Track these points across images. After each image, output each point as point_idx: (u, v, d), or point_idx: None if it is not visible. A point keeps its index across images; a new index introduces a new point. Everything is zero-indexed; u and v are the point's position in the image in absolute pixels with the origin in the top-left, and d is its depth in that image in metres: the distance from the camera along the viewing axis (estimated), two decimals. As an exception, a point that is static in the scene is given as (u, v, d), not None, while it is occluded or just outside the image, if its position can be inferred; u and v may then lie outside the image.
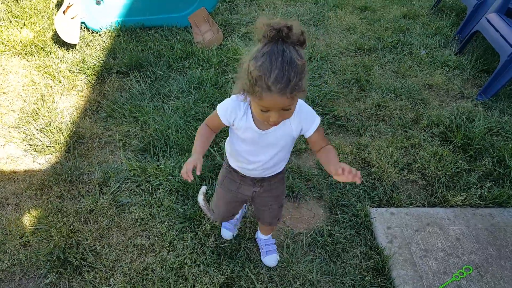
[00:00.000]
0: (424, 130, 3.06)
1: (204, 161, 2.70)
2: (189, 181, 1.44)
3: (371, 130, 3.05)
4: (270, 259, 2.15)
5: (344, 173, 1.30)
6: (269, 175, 1.71)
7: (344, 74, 3.66)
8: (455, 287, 2.05)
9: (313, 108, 1.52)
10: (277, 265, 2.15)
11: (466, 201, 2.51)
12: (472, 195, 2.54)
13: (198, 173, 1.41)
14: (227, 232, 2.26)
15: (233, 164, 1.73)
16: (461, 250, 2.23)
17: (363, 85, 3.52)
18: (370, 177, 2.67)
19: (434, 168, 2.70)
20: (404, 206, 2.49)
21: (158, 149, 2.76)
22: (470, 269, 2.14)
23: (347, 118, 3.17)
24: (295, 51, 1.18)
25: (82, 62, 3.55)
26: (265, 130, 1.47)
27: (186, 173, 1.39)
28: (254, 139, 1.51)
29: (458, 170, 2.73)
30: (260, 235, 2.23)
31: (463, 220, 2.40)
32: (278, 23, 1.15)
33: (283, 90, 1.16)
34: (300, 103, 1.47)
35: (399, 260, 2.15)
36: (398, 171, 2.70)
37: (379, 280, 2.08)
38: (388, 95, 3.43)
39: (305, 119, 1.48)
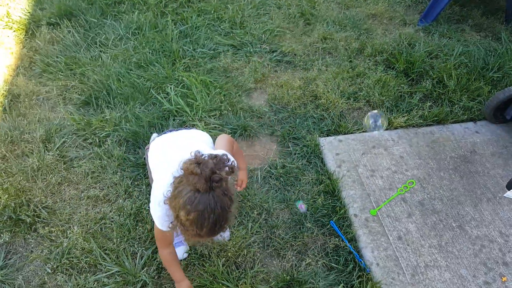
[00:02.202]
0: (368, 59, 3.18)
1: (152, 108, 2.70)
2: None
3: (318, 63, 3.13)
4: (222, 235, 2.03)
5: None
6: None
7: (289, 8, 3.66)
8: (400, 200, 2.26)
9: (260, 46, 1.52)
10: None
11: (408, 122, 2.69)
12: (414, 115, 2.72)
13: None
14: (181, 250, 2.00)
15: None
16: (404, 167, 2.44)
17: (309, 18, 3.55)
18: (319, 109, 2.78)
19: (378, 94, 2.85)
20: (351, 133, 2.64)
21: (101, 101, 2.71)
22: (413, 182, 2.36)
23: (294, 54, 3.22)
24: (226, 195, 1.25)
25: (6, 16, 3.32)
26: None
27: None
28: None
29: (400, 93, 2.90)
30: None
31: (406, 139, 2.60)
32: (207, 175, 1.19)
33: (213, 235, 1.29)
34: None
35: (348, 182, 2.33)
36: (344, 101, 2.82)
37: (330, 201, 2.25)
38: (333, 27, 3.49)
39: None
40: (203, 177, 1.19)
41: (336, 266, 1.99)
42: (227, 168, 1.27)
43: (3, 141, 2.46)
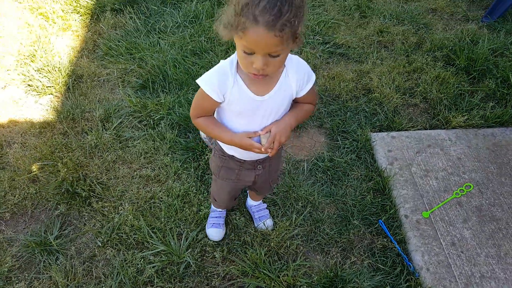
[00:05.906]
0: (427, 54, 2.90)
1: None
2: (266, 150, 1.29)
3: (373, 57, 2.89)
4: (265, 224, 1.96)
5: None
6: None
7: (345, 0, 3.42)
8: (455, 204, 2.02)
9: (313, 37, 1.34)
10: (278, 192, 2.12)
11: (468, 122, 2.41)
12: (474, 115, 2.44)
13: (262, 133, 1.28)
14: (216, 232, 1.93)
15: (229, 150, 1.46)
16: (462, 169, 2.18)
17: (365, 11, 3.30)
18: (371, 103, 2.56)
19: (436, 91, 2.58)
20: (405, 130, 2.41)
21: (157, 85, 2.65)
22: (470, 186, 2.10)
23: (348, 46, 2.99)
24: None
25: (75, 1, 3.34)
26: (263, 96, 1.22)
27: (252, 145, 1.27)
28: (253, 109, 1.25)
29: (460, 91, 2.61)
30: (250, 202, 2.02)
31: (464, 140, 2.33)
32: None
33: (272, 23, 0.94)
34: (297, 58, 1.25)
35: (400, 180, 2.11)
36: (399, 96, 2.58)
37: (380, 199, 2.05)
38: (390, 20, 3.22)
39: (302, 77, 1.25)
40: None
41: (382, 267, 1.80)
42: None
43: (65, 118, 2.48)
